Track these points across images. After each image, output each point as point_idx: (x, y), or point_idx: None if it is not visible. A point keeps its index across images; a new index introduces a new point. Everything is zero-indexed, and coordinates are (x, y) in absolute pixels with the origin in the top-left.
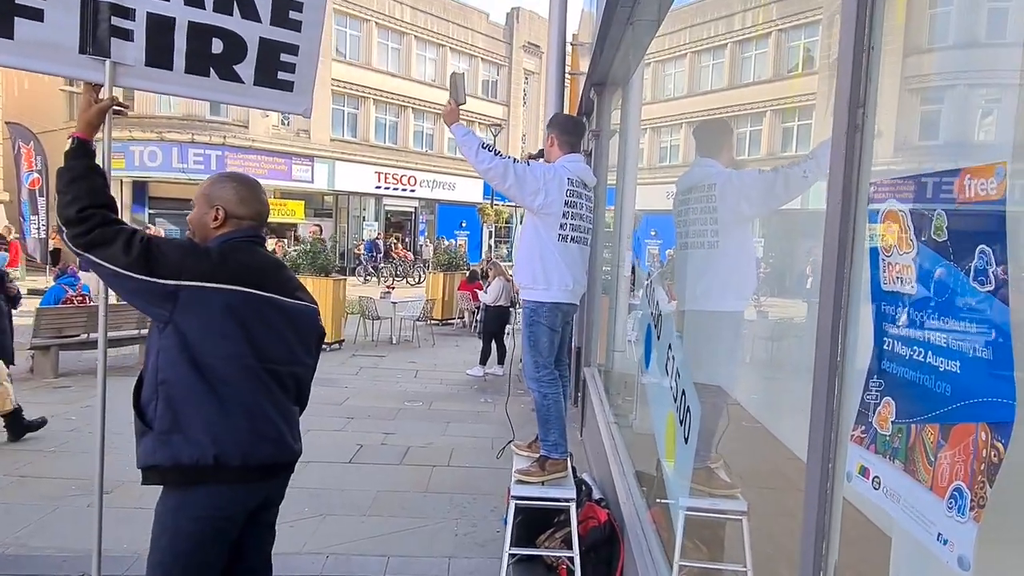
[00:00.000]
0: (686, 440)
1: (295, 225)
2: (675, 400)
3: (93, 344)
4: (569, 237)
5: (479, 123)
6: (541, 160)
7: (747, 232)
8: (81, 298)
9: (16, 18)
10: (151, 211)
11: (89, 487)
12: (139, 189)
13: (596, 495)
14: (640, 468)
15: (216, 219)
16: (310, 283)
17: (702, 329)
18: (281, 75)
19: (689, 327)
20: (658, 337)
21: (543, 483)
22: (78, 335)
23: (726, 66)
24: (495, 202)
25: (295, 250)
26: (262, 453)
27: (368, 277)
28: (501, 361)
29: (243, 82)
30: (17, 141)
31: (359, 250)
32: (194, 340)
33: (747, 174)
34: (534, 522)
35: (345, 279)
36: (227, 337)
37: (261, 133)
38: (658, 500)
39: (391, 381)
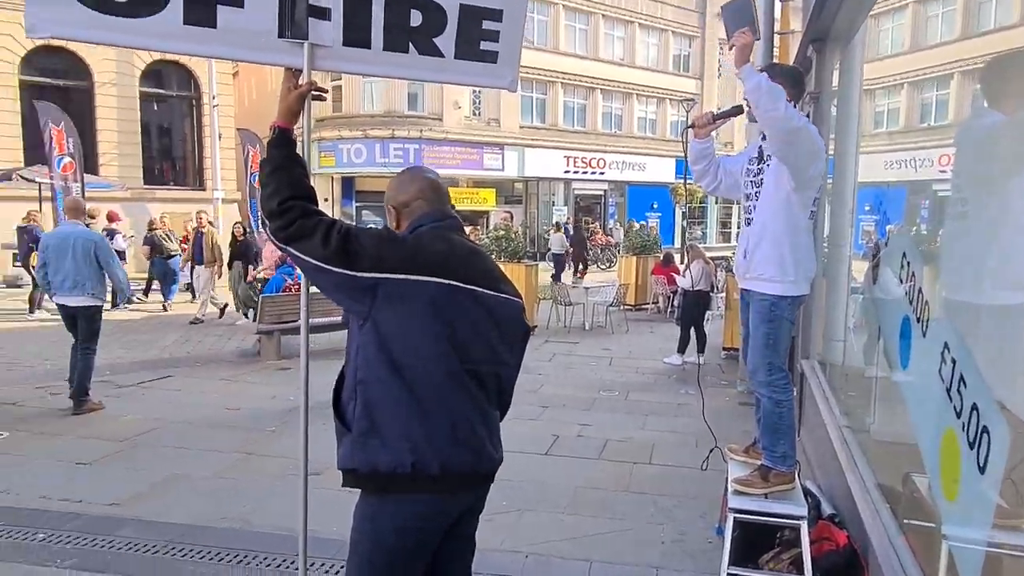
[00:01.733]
0: (982, 469)
1: (487, 212)
2: (958, 415)
3: (311, 329)
4: (814, 213)
5: (670, 99)
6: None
7: (1014, 200)
8: (298, 286)
9: (219, 6)
10: (358, 204)
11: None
12: (347, 184)
13: (826, 510)
14: (882, 481)
15: (392, 219)
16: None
17: (963, 326)
18: (484, 45)
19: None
20: (923, 333)
21: (766, 496)
22: (296, 321)
23: (958, 14)
24: (688, 181)
25: (488, 236)
26: (462, 462)
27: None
28: (701, 349)
29: (443, 56)
30: (246, 146)
31: (548, 235)
32: (392, 338)
33: (994, 122)
34: (753, 538)
35: (537, 264)
36: (426, 334)
37: (454, 125)
38: (906, 521)
39: (585, 369)
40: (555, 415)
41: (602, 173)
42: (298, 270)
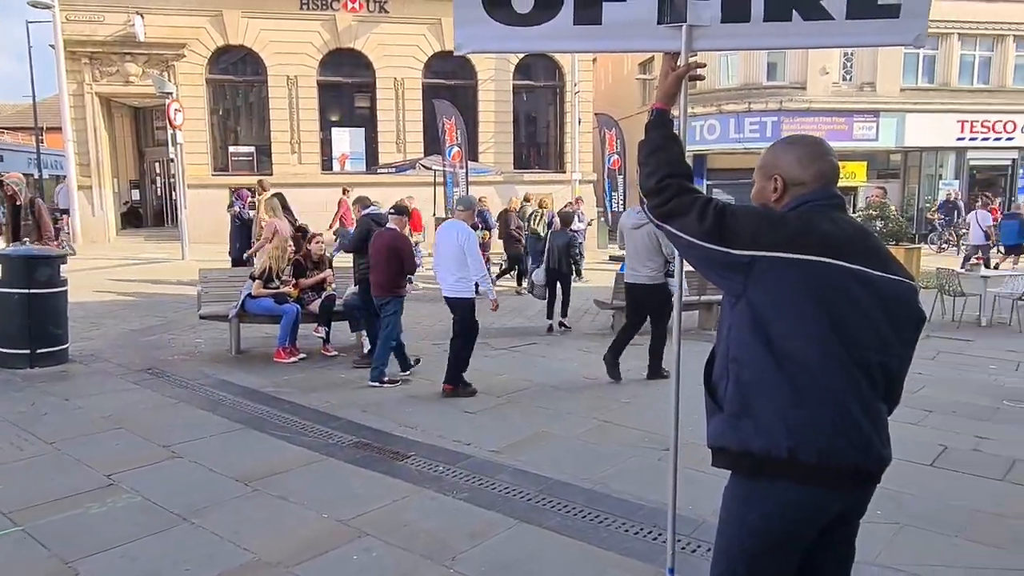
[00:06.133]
0: None
1: (855, 189)
2: None
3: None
4: None
5: None
6: None
7: None
8: None
9: (604, 3)
10: (708, 182)
11: (659, 441)
12: (699, 162)
13: None
14: None
15: (776, 189)
16: None
17: None
18: None
19: None
20: None
21: None
22: None
23: None
24: None
25: (858, 214)
26: (843, 455)
27: (944, 245)
28: None
29: (832, 18)
30: (603, 128)
31: (932, 214)
32: (768, 318)
33: None
34: None
35: (919, 248)
36: (806, 316)
37: (820, 92)
38: None
39: (981, 372)
40: (942, 422)
41: (1011, 139)
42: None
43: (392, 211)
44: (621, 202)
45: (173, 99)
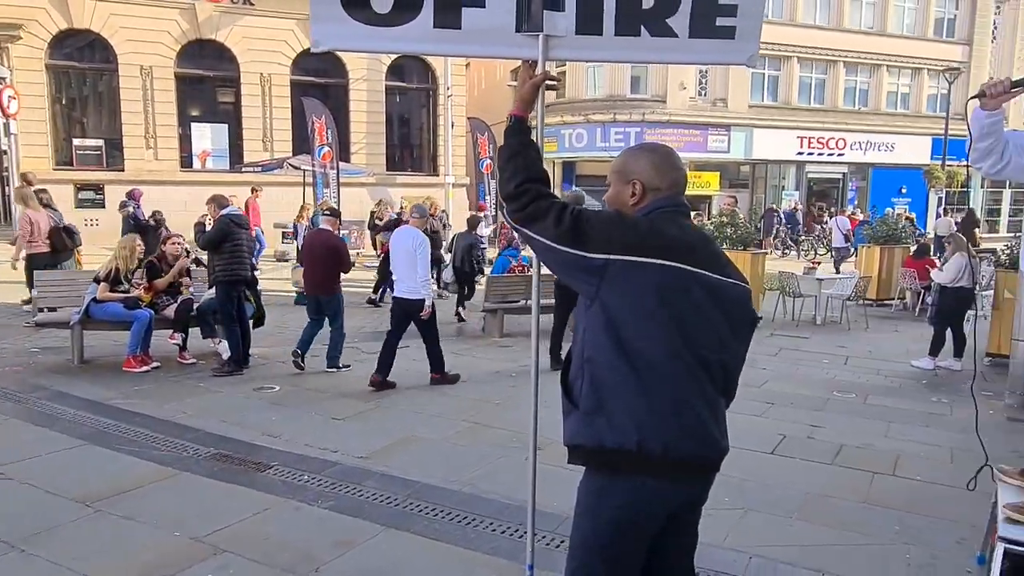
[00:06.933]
0: None
1: (709, 197)
2: None
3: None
4: None
5: (928, 69)
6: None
7: None
8: (521, 268)
9: (464, 8)
10: (578, 188)
11: (528, 441)
12: (568, 168)
13: None
14: None
15: (634, 194)
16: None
17: None
18: (720, 21)
19: None
20: None
21: None
22: (518, 301)
23: None
24: (948, 163)
25: (712, 222)
26: (686, 448)
27: (787, 250)
28: (958, 354)
29: (676, 36)
30: (475, 133)
31: (759, 221)
32: (620, 320)
33: None
34: None
35: (764, 253)
36: (652, 317)
37: (678, 106)
38: None
39: (816, 366)
40: (782, 413)
41: (841, 155)
42: (522, 253)
43: (326, 212)
44: (493, 206)
45: (7, 85)
